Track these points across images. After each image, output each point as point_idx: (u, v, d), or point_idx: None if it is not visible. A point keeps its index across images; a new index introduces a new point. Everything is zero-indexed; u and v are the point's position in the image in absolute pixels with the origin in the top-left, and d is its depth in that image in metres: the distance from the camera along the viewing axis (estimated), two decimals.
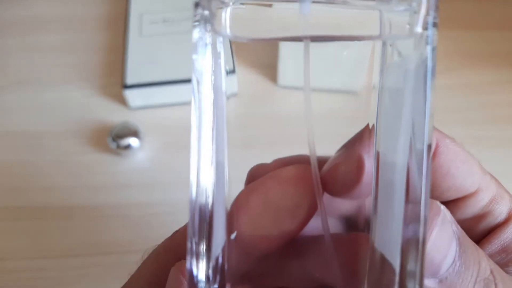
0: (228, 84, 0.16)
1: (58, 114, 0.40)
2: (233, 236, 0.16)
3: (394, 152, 0.14)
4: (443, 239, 0.15)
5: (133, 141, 0.37)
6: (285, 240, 0.16)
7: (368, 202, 0.16)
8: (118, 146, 0.37)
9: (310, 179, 0.16)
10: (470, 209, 0.18)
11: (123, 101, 0.40)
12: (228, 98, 0.16)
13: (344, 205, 0.18)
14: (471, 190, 0.18)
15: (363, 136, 0.16)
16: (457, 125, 0.38)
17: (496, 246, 0.18)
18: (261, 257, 0.17)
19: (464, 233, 0.15)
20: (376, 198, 0.15)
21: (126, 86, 0.38)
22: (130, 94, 0.39)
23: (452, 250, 0.15)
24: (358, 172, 0.16)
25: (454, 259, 0.15)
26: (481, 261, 0.15)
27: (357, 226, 0.17)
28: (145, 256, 0.20)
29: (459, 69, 0.42)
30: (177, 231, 0.20)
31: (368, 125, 0.16)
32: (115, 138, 0.37)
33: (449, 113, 0.39)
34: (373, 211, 0.15)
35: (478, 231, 0.18)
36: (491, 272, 0.15)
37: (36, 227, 0.35)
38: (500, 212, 0.18)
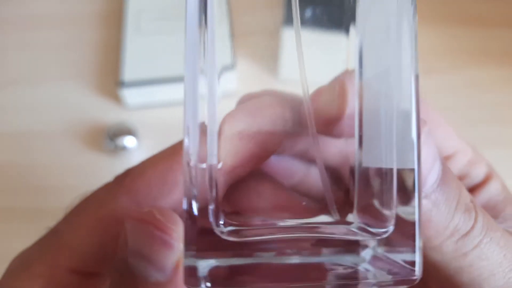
0: (228, 80, 0.15)
1: (53, 113, 0.40)
2: (219, 165, 0.15)
3: (380, 81, 0.14)
4: (428, 151, 0.14)
5: (130, 141, 0.36)
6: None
7: (353, 154, 0.16)
8: (115, 146, 0.36)
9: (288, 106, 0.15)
10: None
11: (119, 100, 0.39)
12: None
13: (329, 150, 0.17)
14: (449, 152, 0.19)
15: (346, 72, 0.16)
16: (462, 124, 0.38)
17: None
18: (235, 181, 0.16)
19: (445, 160, 0.16)
20: (360, 126, 0.15)
21: (123, 85, 0.38)
22: (126, 93, 0.38)
23: (436, 166, 0.15)
24: (342, 99, 0.15)
25: (439, 175, 0.15)
26: (461, 188, 0.16)
27: (342, 178, 0.17)
28: (76, 202, 0.18)
29: (464, 67, 0.41)
30: (129, 171, 0.18)
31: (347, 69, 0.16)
32: (112, 137, 0.36)
33: (453, 111, 0.39)
34: (358, 142, 0.15)
35: None
36: (471, 201, 0.16)
37: (30, 229, 0.34)
38: (477, 175, 0.19)
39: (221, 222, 0.15)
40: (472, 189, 0.19)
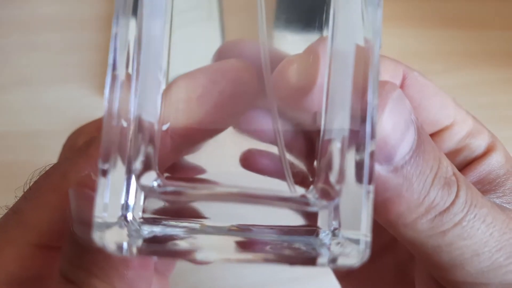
0: None
1: (58, 114, 0.40)
2: (165, 127, 0.14)
3: (344, 50, 0.13)
4: (398, 118, 0.13)
5: None
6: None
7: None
8: None
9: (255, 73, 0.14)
10: (446, 143, 0.17)
11: None
12: None
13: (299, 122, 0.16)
14: (446, 123, 0.17)
15: (321, 39, 0.15)
16: None
17: (472, 178, 0.17)
18: (187, 150, 0.15)
19: (424, 128, 0.14)
20: (327, 98, 0.14)
21: None
22: None
23: (410, 135, 0.13)
24: (314, 69, 0.14)
25: (412, 146, 0.13)
26: (442, 159, 0.14)
27: (309, 135, 0.15)
28: (36, 178, 0.17)
29: (459, 69, 0.42)
30: (92, 139, 0.16)
31: (322, 35, 0.15)
32: None
33: None
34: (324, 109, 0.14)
35: (455, 166, 0.17)
36: (454, 174, 0.14)
37: None
38: (477, 146, 0.18)
39: (155, 183, 0.14)
40: (472, 162, 0.17)
